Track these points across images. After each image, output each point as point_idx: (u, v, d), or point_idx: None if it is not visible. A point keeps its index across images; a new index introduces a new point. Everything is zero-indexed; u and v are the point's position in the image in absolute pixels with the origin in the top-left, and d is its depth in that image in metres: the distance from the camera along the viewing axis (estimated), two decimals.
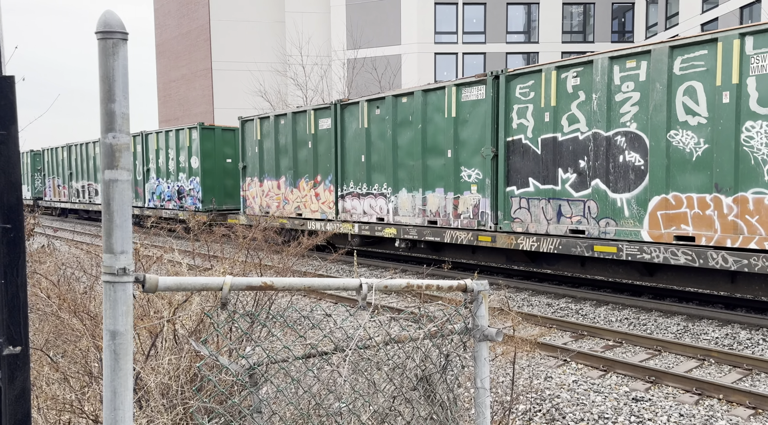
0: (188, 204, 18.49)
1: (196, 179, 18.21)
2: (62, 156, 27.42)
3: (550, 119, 9.22)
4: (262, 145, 15.43)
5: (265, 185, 15.49)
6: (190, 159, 18.40)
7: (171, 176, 19.41)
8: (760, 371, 5.96)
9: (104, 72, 1.50)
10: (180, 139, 18.87)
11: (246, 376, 2.30)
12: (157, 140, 20.06)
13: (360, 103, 12.68)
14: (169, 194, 19.44)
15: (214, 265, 5.09)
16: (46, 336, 4.33)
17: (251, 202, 16.03)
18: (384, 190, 12.22)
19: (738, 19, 24.36)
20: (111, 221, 1.51)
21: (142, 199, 21.13)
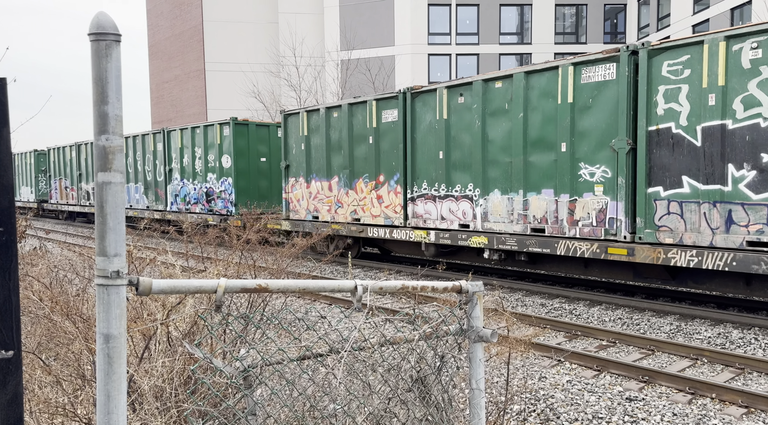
0: (219, 208, 16.95)
1: (227, 180, 16.61)
2: (71, 156, 25.60)
3: (717, 103, 7.49)
4: (309, 141, 13.80)
5: (312, 187, 13.80)
6: (221, 158, 16.77)
7: (198, 176, 17.77)
8: (752, 370, 6.00)
9: (97, 74, 1.49)
10: (208, 136, 17.23)
11: (240, 378, 2.29)
12: (182, 137, 18.34)
13: (438, 90, 10.86)
14: (196, 197, 17.88)
15: (208, 267, 5.07)
16: (39, 338, 4.30)
17: (296, 205, 14.38)
18: (469, 191, 10.43)
19: (729, 21, 24.53)
20: (104, 223, 1.50)
21: (163, 202, 19.56)
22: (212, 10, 36.19)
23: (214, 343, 3.63)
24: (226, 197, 16.74)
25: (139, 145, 20.64)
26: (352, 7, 33.77)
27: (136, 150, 20.78)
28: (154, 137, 19.80)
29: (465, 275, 10.66)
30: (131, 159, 21.16)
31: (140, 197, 20.97)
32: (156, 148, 19.66)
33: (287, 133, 14.56)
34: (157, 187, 19.76)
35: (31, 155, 29.84)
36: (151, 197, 20.18)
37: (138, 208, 20.89)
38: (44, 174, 29.24)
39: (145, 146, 20.35)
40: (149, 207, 20.19)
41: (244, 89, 31.14)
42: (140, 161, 20.74)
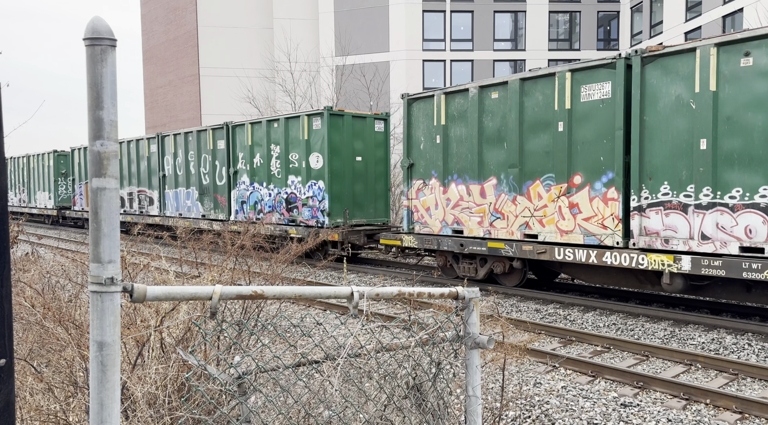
0: (305, 218, 14.13)
1: (317, 183, 13.81)
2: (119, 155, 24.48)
3: None
4: (447, 132, 10.91)
5: (452, 191, 10.87)
6: (308, 157, 13.95)
7: (274, 180, 14.92)
8: (746, 375, 6.01)
9: (92, 79, 1.48)
10: (291, 130, 14.43)
11: (234, 386, 2.27)
12: (252, 133, 15.53)
13: (698, 50, 7.75)
14: (271, 204, 15.07)
15: (202, 273, 5.04)
16: (30, 345, 4.26)
17: (423, 216, 11.45)
18: (761, 198, 7.33)
19: (721, 28, 24.77)
20: (99, 229, 1.49)
21: (225, 210, 16.61)
22: (207, 16, 36.21)
23: (208, 350, 3.60)
24: (314, 205, 13.92)
25: (193, 143, 17.73)
26: (347, 13, 33.87)
27: (188, 150, 17.93)
28: (214, 133, 16.91)
29: (460, 282, 10.65)
30: (181, 160, 18.35)
31: (192, 204, 17.99)
32: (216, 146, 16.69)
33: (411, 123, 11.51)
34: (216, 192, 16.82)
35: (49, 156, 26.82)
36: (208, 204, 17.27)
37: (190, 217, 17.91)
38: (65, 177, 26.35)
39: (200, 145, 17.35)
40: (205, 216, 17.30)
41: (239, 94, 31.12)
42: (193, 161, 17.82)
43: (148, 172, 19.94)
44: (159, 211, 19.27)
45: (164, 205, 19.17)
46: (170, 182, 18.93)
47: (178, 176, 18.51)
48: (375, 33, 33.46)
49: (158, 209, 19.48)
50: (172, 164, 18.69)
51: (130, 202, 21.00)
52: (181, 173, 18.39)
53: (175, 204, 18.65)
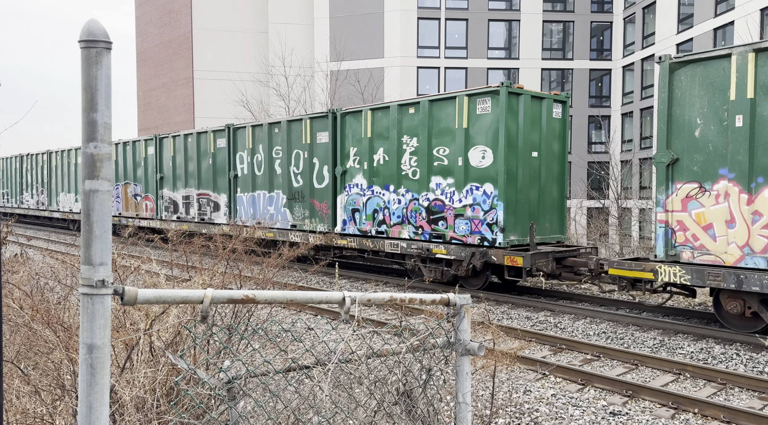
0: (460, 233, 10.57)
1: (481, 187, 10.26)
2: (143, 154, 18.90)
3: None
4: (757, 109, 7.40)
5: (763, 201, 7.39)
6: (468, 152, 10.42)
7: (407, 181, 11.41)
8: (734, 385, 6.05)
9: (87, 81, 1.48)
10: (438, 116, 10.85)
11: (224, 390, 2.26)
12: (372, 122, 11.94)
13: None
14: (401, 214, 11.54)
15: (193, 276, 5.02)
16: (18, 347, 4.22)
17: (699, 236, 7.93)
18: None
19: (712, 40, 25.06)
20: (90, 231, 1.48)
21: (326, 220, 13.00)
22: (202, 19, 36.21)
23: (198, 354, 3.59)
24: (476, 216, 10.34)
25: (280, 137, 14.10)
26: (342, 19, 33.99)
27: (272, 145, 14.33)
28: (312, 124, 13.27)
29: (451, 288, 10.66)
30: (261, 157, 14.66)
31: (277, 212, 14.32)
32: (315, 140, 13.23)
33: (676, 98, 8.07)
34: (313, 197, 13.26)
35: (76, 153, 23.09)
36: (300, 211, 13.66)
37: (274, 227, 14.19)
38: None
39: (290, 139, 13.83)
40: (296, 226, 13.72)
41: (233, 98, 31.11)
42: (280, 159, 14.15)
43: (213, 171, 16.04)
44: (228, 218, 15.55)
45: (235, 211, 15.48)
46: (245, 183, 15.19)
47: (257, 176, 14.78)
48: (370, 39, 33.59)
49: (227, 215, 15.65)
50: (248, 163, 14.94)
51: (186, 207, 17.12)
52: (260, 173, 14.65)
53: (251, 211, 14.92)
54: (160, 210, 18.19)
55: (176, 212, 17.55)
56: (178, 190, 17.51)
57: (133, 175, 19.59)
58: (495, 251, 9.99)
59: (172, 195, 17.82)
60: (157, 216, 18.32)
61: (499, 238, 10.02)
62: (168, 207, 17.93)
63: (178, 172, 17.44)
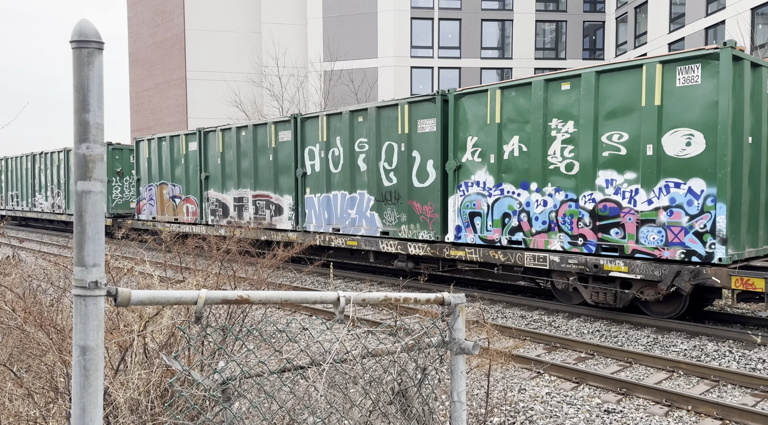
0: (651, 245, 7.98)
1: (685, 184, 7.74)
2: (183, 150, 16.46)
3: None
4: None
5: None
6: (661, 136, 7.86)
7: (557, 177, 8.88)
8: (727, 382, 6.09)
9: (78, 81, 1.48)
10: (608, 92, 8.35)
11: (219, 391, 2.26)
12: (501, 102, 9.48)
13: None
14: (547, 219, 9.00)
15: (187, 277, 5.01)
16: (10, 350, 4.19)
17: None
18: None
19: (703, 39, 25.21)
20: (83, 233, 1.48)
21: (433, 226, 10.50)
22: (194, 19, 36.09)
23: (192, 355, 3.57)
24: (678, 223, 7.79)
25: (365, 127, 11.72)
26: (336, 19, 33.97)
27: (354, 137, 11.93)
28: (410, 110, 10.84)
29: (446, 287, 10.68)
30: (339, 152, 12.31)
31: (361, 216, 11.91)
32: (414, 129, 10.81)
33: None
34: (412, 198, 10.94)
35: None
36: (394, 215, 11.29)
37: (358, 234, 11.88)
38: (120, 177, 20.58)
39: (379, 128, 11.45)
40: (389, 233, 11.37)
41: (226, 98, 31.03)
42: (365, 154, 11.77)
43: (274, 170, 13.67)
44: (295, 223, 13.29)
45: (303, 215, 13.16)
46: (316, 183, 12.85)
47: (333, 175, 12.49)
48: (363, 39, 33.59)
49: (293, 220, 13.33)
50: (321, 159, 12.66)
51: (239, 210, 14.76)
52: (338, 170, 12.34)
53: (324, 215, 12.69)
54: (204, 214, 15.84)
55: (226, 216, 15.15)
56: (228, 191, 15.09)
57: (170, 174, 17.06)
58: (715, 270, 7.42)
59: (220, 197, 15.31)
60: (201, 220, 15.90)
61: (718, 252, 7.44)
62: (215, 211, 15.52)
63: (229, 171, 15.04)
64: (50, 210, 24.36)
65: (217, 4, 36.11)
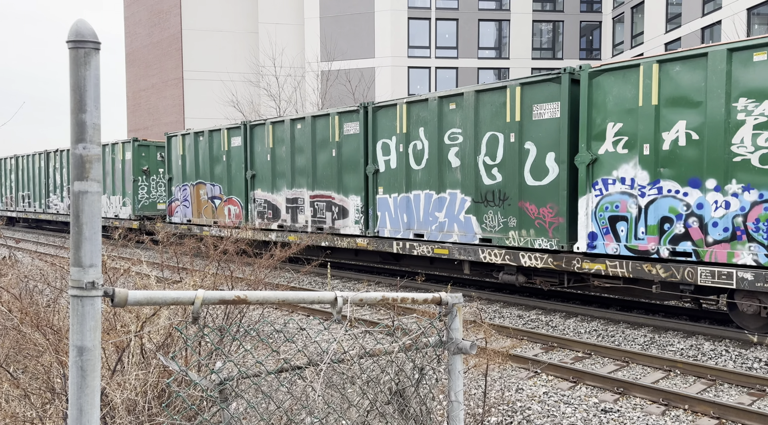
0: None
1: None
2: (225, 147, 14.71)
3: None
4: None
5: None
6: None
7: (743, 170, 7.20)
8: (723, 381, 6.11)
9: (75, 82, 1.48)
10: None
11: (216, 392, 2.25)
12: (659, 80, 7.74)
13: None
14: (729, 224, 7.26)
15: (184, 278, 5.00)
16: (7, 351, 4.18)
17: None
18: None
19: (700, 39, 25.28)
20: (80, 233, 1.47)
21: (557, 233, 8.76)
22: (191, 19, 36.04)
23: (190, 355, 3.57)
24: None
25: (459, 116, 9.91)
26: (333, 19, 33.96)
27: (443, 127, 10.18)
28: (522, 93, 9.07)
29: (444, 287, 10.69)
30: (423, 144, 10.63)
31: (452, 219, 10.12)
32: (527, 115, 9.02)
33: None
34: (524, 199, 9.13)
35: (124, 147, 19.18)
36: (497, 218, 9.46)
37: (452, 241, 10.11)
38: (147, 176, 19.00)
39: (478, 117, 9.62)
40: (491, 241, 9.59)
41: (223, 98, 30.99)
42: (458, 146, 10.00)
43: (338, 167, 12.12)
44: (364, 228, 11.70)
45: (374, 219, 11.53)
46: (392, 181, 11.18)
47: (414, 172, 10.77)
48: (360, 39, 33.59)
49: (361, 224, 11.74)
50: (399, 153, 10.96)
51: (293, 213, 13.08)
52: (421, 166, 10.63)
53: (403, 218, 10.98)
54: (250, 216, 14.18)
55: (276, 219, 13.53)
56: (279, 191, 13.47)
57: (209, 173, 15.32)
58: None
59: (269, 198, 13.67)
60: (246, 224, 14.11)
61: None
62: (263, 213, 13.88)
63: (280, 168, 13.39)
64: (66, 212, 22.87)
65: (213, 3, 36.08)
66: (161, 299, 1.76)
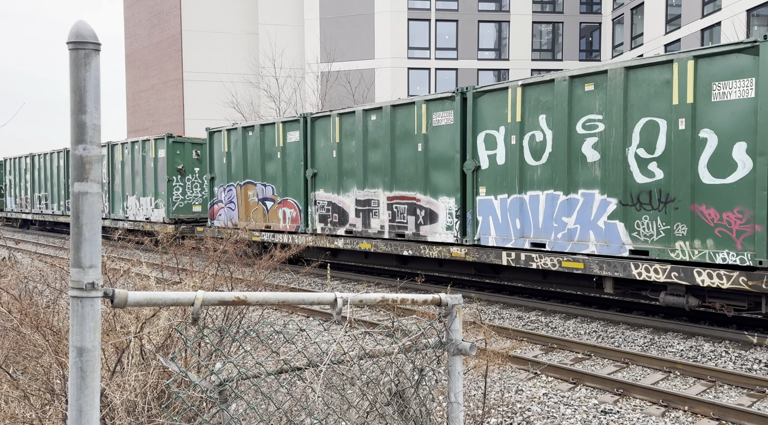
0: None
1: None
2: (278, 142, 13.23)
3: None
4: None
5: None
6: None
7: None
8: (723, 383, 6.11)
9: (75, 83, 1.48)
10: None
11: (216, 393, 2.25)
12: None
13: None
14: None
15: (184, 279, 5.00)
16: (6, 352, 4.18)
17: None
18: None
19: (699, 41, 25.30)
20: (80, 234, 1.47)
21: (750, 244, 6.93)
22: (191, 20, 36.07)
23: (189, 356, 3.57)
24: None
25: (598, 100, 8.21)
26: (333, 20, 33.99)
27: (576, 112, 8.45)
28: (697, 67, 7.34)
29: (443, 288, 10.68)
30: (544, 135, 8.84)
31: (592, 226, 8.33)
32: (705, 97, 7.32)
33: None
34: (697, 200, 7.44)
35: (156, 144, 17.45)
36: (654, 225, 7.71)
37: (586, 252, 8.35)
38: (182, 175, 17.30)
39: (627, 100, 7.94)
40: (648, 253, 7.79)
41: (223, 99, 31.01)
42: (597, 135, 8.24)
43: (424, 163, 10.40)
44: (460, 234, 9.87)
45: (474, 224, 9.66)
46: (497, 180, 9.40)
47: (530, 168, 9.01)
48: (360, 40, 33.62)
49: (455, 230, 9.88)
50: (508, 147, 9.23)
51: (365, 217, 11.50)
52: (539, 162, 8.89)
53: (516, 224, 9.19)
54: (310, 221, 12.58)
55: (343, 224, 11.93)
56: (346, 192, 11.87)
57: (260, 172, 13.73)
58: None
59: (335, 199, 12.14)
60: (305, 229, 12.66)
61: None
62: (326, 217, 12.31)
63: (348, 166, 11.84)
64: None
65: (213, 5, 36.11)
66: (161, 300, 1.76)
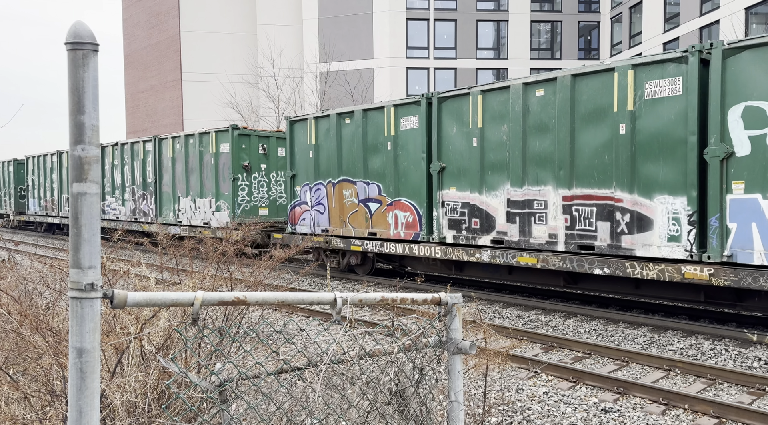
0: None
1: None
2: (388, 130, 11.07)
3: None
4: None
5: None
6: None
7: None
8: (723, 381, 6.11)
9: (73, 83, 1.48)
10: None
11: (216, 393, 2.25)
12: None
13: None
14: None
15: (183, 279, 5.00)
16: (6, 353, 4.18)
17: None
18: None
19: (698, 39, 25.31)
20: (79, 235, 1.47)
21: None
22: (190, 21, 36.05)
23: (189, 357, 3.57)
24: None
25: None
26: (331, 20, 33.99)
27: None
28: None
29: (443, 287, 10.69)
30: None
31: None
32: None
33: None
34: None
35: (215, 137, 15.32)
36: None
37: None
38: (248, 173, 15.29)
39: None
40: None
41: (222, 100, 31.00)
42: None
43: (630, 151, 7.96)
44: (696, 248, 7.54)
45: (720, 235, 7.33)
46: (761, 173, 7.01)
47: None
48: (359, 40, 33.62)
49: (688, 242, 7.56)
50: None
51: (524, 220, 9.28)
52: None
53: None
54: (436, 226, 10.47)
55: (488, 231, 9.72)
56: (492, 190, 9.62)
57: (361, 167, 11.65)
58: None
59: (472, 200, 9.93)
60: (427, 236, 10.63)
61: None
62: (459, 222, 10.14)
63: (496, 157, 9.53)
64: (129, 218, 18.54)
65: (212, 5, 36.09)
66: (160, 300, 1.76)
